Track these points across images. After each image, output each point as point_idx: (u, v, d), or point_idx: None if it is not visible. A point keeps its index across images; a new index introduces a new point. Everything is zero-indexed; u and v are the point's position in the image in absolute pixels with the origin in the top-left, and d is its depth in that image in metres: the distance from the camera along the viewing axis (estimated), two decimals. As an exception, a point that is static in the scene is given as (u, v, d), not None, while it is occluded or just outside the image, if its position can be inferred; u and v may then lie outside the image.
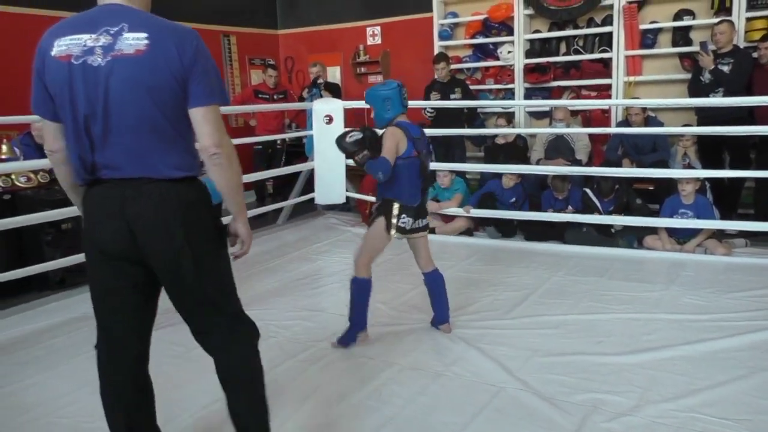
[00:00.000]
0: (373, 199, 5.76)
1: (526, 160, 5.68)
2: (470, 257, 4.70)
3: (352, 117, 6.10)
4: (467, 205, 5.29)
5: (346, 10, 7.59)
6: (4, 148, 4.21)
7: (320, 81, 6.64)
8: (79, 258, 3.03)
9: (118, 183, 1.65)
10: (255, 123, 6.76)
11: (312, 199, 5.97)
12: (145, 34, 1.58)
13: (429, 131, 5.88)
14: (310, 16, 7.90)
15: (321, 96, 6.34)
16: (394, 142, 2.87)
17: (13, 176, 4.04)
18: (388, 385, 2.64)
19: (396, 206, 2.98)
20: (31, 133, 4.42)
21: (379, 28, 7.43)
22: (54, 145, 1.72)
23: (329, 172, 5.72)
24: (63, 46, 1.59)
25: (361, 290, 3.07)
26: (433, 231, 5.37)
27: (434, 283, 3.22)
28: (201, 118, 1.65)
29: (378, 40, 7.46)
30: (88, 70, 1.58)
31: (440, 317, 3.22)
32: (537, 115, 6.43)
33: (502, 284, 3.97)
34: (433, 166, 5.64)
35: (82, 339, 3.07)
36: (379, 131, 2.99)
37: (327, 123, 5.62)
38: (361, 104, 6.72)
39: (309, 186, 5.97)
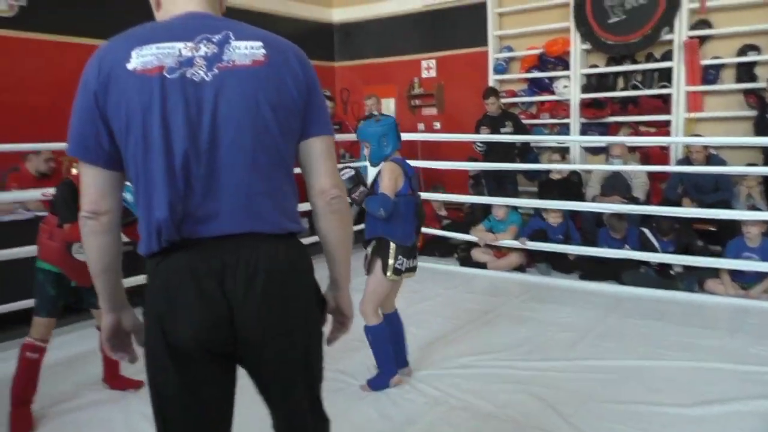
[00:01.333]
0: (434, 231, 5.77)
1: (581, 197, 5.59)
2: (522, 294, 4.63)
3: (406, 148, 6.14)
4: (522, 237, 5.23)
5: (402, 43, 7.70)
6: (74, 171, 4.40)
7: (375, 113, 6.72)
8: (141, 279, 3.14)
9: (213, 244, 1.19)
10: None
11: (362, 231, 5.99)
12: (260, 43, 1.23)
13: (481, 165, 5.89)
14: (365, 50, 8.05)
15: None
16: (393, 178, 2.79)
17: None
18: (437, 425, 2.59)
19: (392, 247, 2.84)
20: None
21: (434, 61, 7.50)
22: (100, 205, 1.21)
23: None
24: (149, 56, 1.16)
25: (378, 337, 2.92)
26: (484, 266, 5.32)
27: (400, 324, 3.09)
28: (322, 151, 1.30)
29: (433, 73, 7.52)
30: (188, 85, 1.16)
31: (404, 361, 3.09)
32: (593, 151, 6.33)
33: (555, 324, 3.88)
34: (487, 200, 5.64)
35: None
36: (370, 168, 2.95)
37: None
38: (415, 136, 6.80)
39: (360, 217, 6.00)
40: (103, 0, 5.57)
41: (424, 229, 5.75)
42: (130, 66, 1.15)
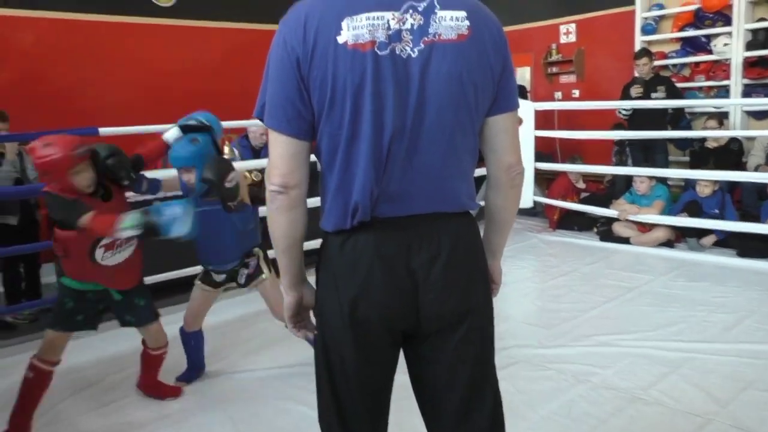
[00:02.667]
0: (562, 204, 5.56)
1: (741, 166, 5.07)
2: (671, 272, 4.32)
3: (541, 119, 5.93)
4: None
5: (539, 8, 7.37)
6: (226, 149, 4.73)
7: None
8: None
9: (400, 223, 1.19)
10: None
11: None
12: (464, 13, 1.16)
13: (626, 133, 5.54)
14: (501, 17, 7.78)
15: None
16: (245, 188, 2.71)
17: (231, 174, 4.53)
18: (578, 403, 2.51)
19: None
20: (247, 135, 4.92)
21: (573, 25, 7.11)
22: (292, 177, 1.18)
23: (517, 175, 5.62)
24: (361, 28, 1.10)
25: (187, 342, 2.88)
26: (627, 241, 5.03)
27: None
28: (508, 127, 1.26)
29: (572, 38, 7.14)
30: (397, 63, 1.12)
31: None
32: (757, 116, 5.70)
33: (710, 304, 3.58)
34: (629, 171, 5.31)
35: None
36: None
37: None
38: (552, 105, 6.54)
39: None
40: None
41: (561, 203, 5.58)
42: (341, 39, 1.09)
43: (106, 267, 2.37)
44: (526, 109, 5.60)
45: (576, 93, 7.12)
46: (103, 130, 3.62)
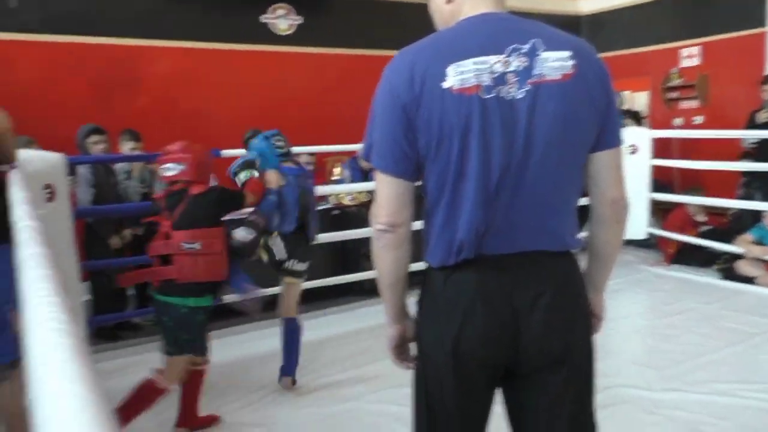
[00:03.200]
0: (680, 237, 5.25)
1: None
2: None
3: (659, 146, 5.66)
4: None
5: (659, 31, 7.06)
6: (337, 170, 4.91)
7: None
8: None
9: (503, 260, 1.21)
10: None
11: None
12: (568, 53, 1.18)
13: (750, 165, 5.15)
14: (617, 40, 7.56)
15: (623, 125, 6.01)
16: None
17: (340, 195, 4.69)
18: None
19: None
20: (356, 157, 5.08)
21: (697, 48, 6.75)
22: (399, 216, 1.22)
23: (631, 206, 5.38)
24: (467, 73, 1.14)
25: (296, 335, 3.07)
26: (752, 281, 4.67)
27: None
28: (613, 162, 1.26)
29: (695, 62, 6.78)
30: (503, 105, 1.15)
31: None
32: None
33: None
34: (757, 205, 4.93)
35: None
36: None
37: (631, 153, 5.31)
38: (671, 133, 6.23)
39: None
40: (371, 14, 6.08)
41: (678, 236, 5.27)
42: (446, 84, 1.14)
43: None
44: (642, 136, 5.37)
45: (698, 120, 6.74)
46: (225, 152, 3.87)
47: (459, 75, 1.14)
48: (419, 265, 1.29)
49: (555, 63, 1.16)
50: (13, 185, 2.07)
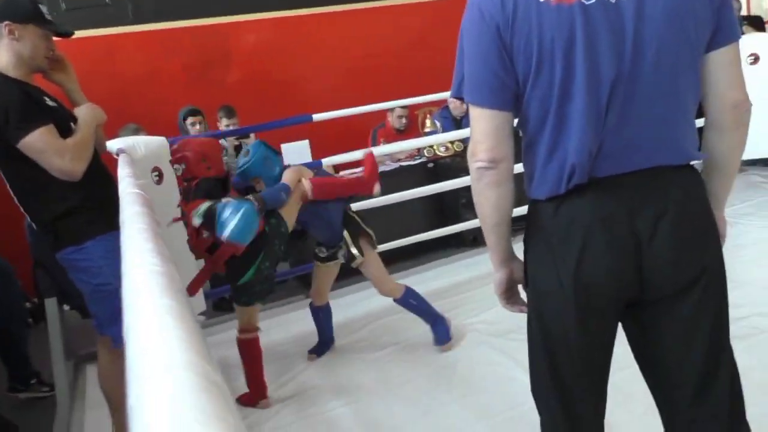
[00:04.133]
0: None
1: None
2: None
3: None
4: None
5: None
6: (428, 122, 4.83)
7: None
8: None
9: (620, 181, 1.11)
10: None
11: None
12: None
13: None
14: None
15: (742, 32, 5.43)
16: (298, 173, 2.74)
17: (434, 147, 4.62)
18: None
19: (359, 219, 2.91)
20: (448, 106, 4.96)
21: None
22: (500, 150, 1.14)
23: (754, 121, 4.81)
24: None
25: (414, 299, 2.96)
26: None
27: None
28: (732, 59, 1.14)
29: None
30: (609, 10, 1.04)
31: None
32: None
33: None
34: None
35: (489, 294, 3.36)
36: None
37: (751, 63, 4.79)
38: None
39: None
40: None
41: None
42: None
43: None
44: (764, 43, 4.82)
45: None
46: (316, 116, 3.91)
47: None
48: (520, 210, 1.22)
49: None
50: (121, 168, 2.20)
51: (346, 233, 2.82)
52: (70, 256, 2.06)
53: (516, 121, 1.19)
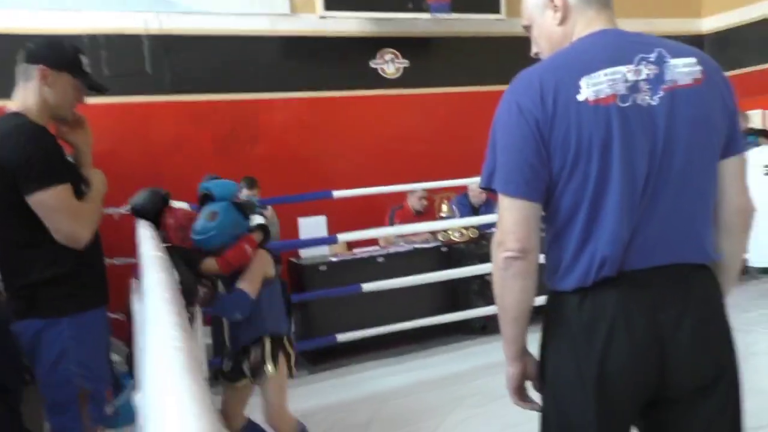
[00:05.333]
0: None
1: None
2: None
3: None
4: None
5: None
6: (445, 207, 4.91)
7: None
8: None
9: (644, 276, 1.13)
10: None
11: (743, 261, 5.21)
12: (694, 59, 1.17)
13: None
14: (746, 57, 7.05)
15: (758, 144, 5.54)
16: (260, 271, 2.29)
17: (449, 231, 4.67)
18: None
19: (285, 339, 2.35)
20: (467, 194, 5.05)
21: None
22: (530, 241, 1.15)
23: (769, 231, 4.91)
24: (600, 84, 1.12)
25: None
26: None
27: None
28: (740, 168, 1.23)
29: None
30: (642, 112, 1.12)
31: None
32: None
33: None
34: None
35: (500, 383, 3.30)
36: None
37: (766, 174, 4.87)
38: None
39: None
40: (472, 53, 6.14)
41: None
42: (581, 96, 1.12)
43: None
44: (779, 155, 4.92)
45: None
46: (337, 193, 4.00)
47: (593, 86, 1.12)
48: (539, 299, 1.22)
49: (684, 69, 1.16)
50: (142, 229, 2.25)
51: (268, 340, 2.32)
52: (37, 328, 1.80)
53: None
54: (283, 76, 5.65)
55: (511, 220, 1.16)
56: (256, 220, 2.41)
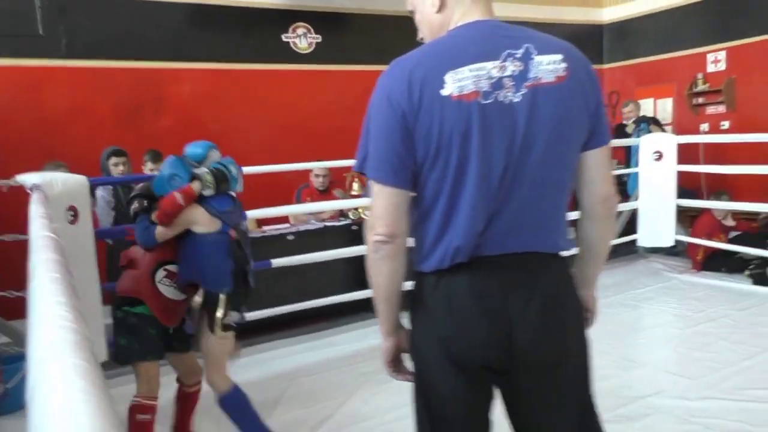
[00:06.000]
0: (708, 243, 5.13)
1: None
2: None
3: (685, 153, 5.55)
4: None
5: (683, 37, 6.98)
6: (355, 185, 4.92)
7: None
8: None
9: (497, 261, 1.22)
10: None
11: (633, 241, 5.59)
12: (560, 56, 1.21)
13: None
14: (640, 48, 7.49)
15: (649, 131, 5.93)
16: (187, 217, 2.36)
17: (360, 210, 4.70)
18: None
19: (222, 297, 2.37)
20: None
21: (723, 53, 6.64)
22: (398, 227, 1.22)
23: (657, 213, 5.29)
24: (465, 80, 1.16)
25: (238, 406, 2.46)
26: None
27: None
28: (603, 159, 1.30)
29: (721, 67, 6.66)
30: (502, 109, 1.17)
31: None
32: None
33: None
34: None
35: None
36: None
37: (656, 160, 5.22)
38: (697, 138, 6.13)
39: (629, 226, 5.61)
40: (386, 31, 6.13)
41: (707, 242, 5.14)
42: (444, 92, 1.16)
43: (163, 296, 2.38)
44: (667, 142, 5.28)
45: (725, 125, 6.62)
46: (246, 169, 3.89)
47: (457, 82, 1.16)
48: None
49: (549, 66, 1.20)
50: (33, 206, 2.10)
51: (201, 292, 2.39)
52: None
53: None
54: (190, 45, 5.43)
55: (381, 206, 1.21)
56: (199, 171, 2.41)
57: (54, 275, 1.03)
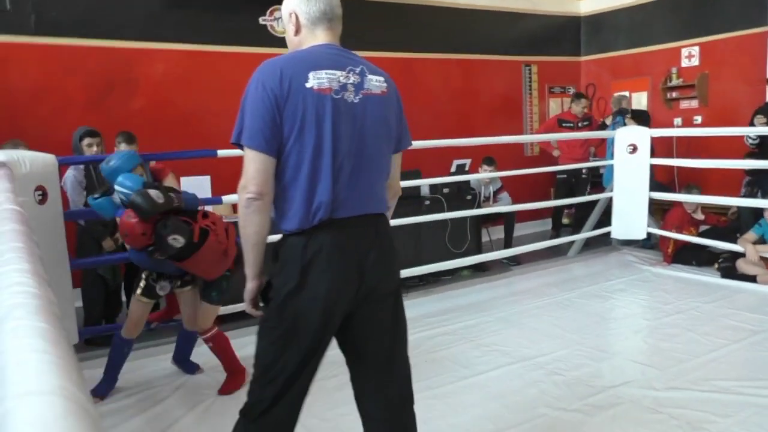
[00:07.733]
0: (679, 236, 5.22)
1: None
2: (805, 315, 3.90)
3: (660, 145, 5.63)
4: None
5: (658, 31, 7.05)
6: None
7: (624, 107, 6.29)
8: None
9: (348, 222, 1.60)
10: (558, 153, 6.63)
11: (607, 233, 5.65)
12: (383, 78, 1.69)
13: (751, 163, 5.13)
14: (616, 41, 7.55)
15: (625, 124, 5.99)
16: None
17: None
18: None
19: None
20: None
21: (696, 48, 6.73)
22: (266, 186, 1.56)
23: (630, 205, 5.35)
24: (322, 78, 1.55)
25: (117, 349, 3.05)
26: (753, 279, 4.63)
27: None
28: (398, 162, 1.81)
29: (695, 62, 6.75)
30: (348, 105, 1.59)
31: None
32: None
33: None
34: (756, 203, 4.88)
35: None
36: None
37: (630, 152, 5.28)
38: (670, 132, 6.21)
39: (605, 218, 5.68)
40: (351, 17, 6.07)
41: (677, 235, 5.22)
42: (308, 84, 1.55)
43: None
44: (641, 135, 5.34)
45: (698, 119, 6.72)
46: (222, 152, 3.84)
47: (317, 79, 1.56)
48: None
49: (376, 83, 1.66)
50: None
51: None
52: None
53: None
54: (165, 26, 5.30)
55: (253, 169, 1.54)
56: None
57: (17, 245, 0.99)
